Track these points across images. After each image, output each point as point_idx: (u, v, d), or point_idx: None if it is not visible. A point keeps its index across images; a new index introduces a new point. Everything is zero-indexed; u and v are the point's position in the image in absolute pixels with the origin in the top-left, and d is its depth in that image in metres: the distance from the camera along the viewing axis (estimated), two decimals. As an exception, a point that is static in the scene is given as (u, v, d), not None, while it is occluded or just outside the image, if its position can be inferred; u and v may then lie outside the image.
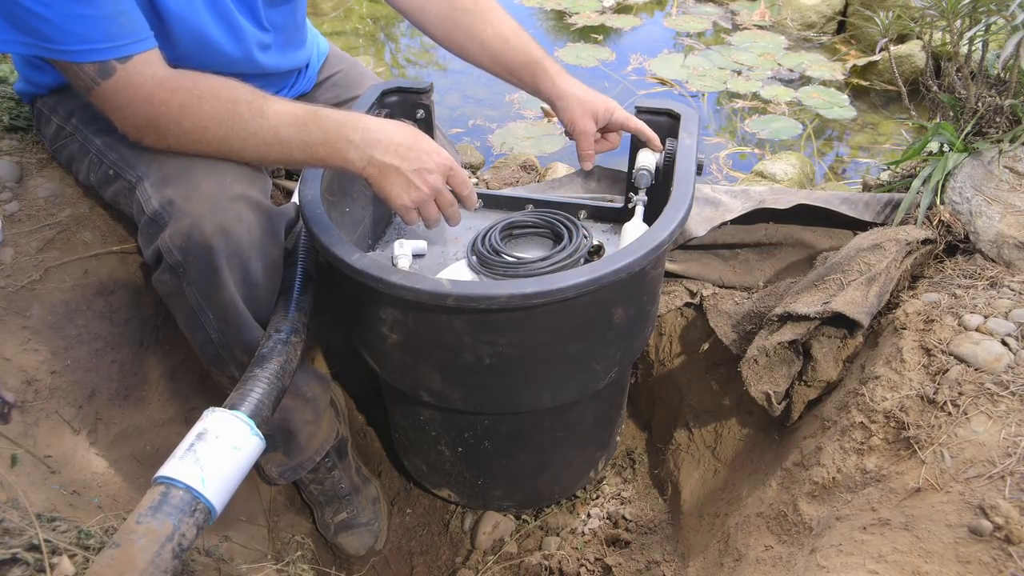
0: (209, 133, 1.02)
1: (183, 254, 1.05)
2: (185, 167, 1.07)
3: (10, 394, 1.10)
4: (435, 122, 1.37)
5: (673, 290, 1.59)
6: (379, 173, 1.03)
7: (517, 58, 1.27)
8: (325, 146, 1.02)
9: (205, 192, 1.04)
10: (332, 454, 1.51)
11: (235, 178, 1.08)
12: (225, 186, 1.06)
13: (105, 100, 1.00)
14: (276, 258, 1.13)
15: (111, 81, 0.97)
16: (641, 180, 1.24)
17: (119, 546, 0.75)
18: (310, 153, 1.03)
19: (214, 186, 1.05)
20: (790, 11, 3.87)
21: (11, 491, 0.96)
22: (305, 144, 1.02)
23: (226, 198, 1.05)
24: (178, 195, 1.04)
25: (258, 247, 1.09)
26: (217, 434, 0.86)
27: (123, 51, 0.96)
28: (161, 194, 1.05)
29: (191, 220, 1.03)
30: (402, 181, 1.03)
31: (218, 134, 1.02)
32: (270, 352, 1.02)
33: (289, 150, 1.03)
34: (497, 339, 1.04)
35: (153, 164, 1.10)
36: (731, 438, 1.45)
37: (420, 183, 1.03)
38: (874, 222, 1.43)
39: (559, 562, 1.44)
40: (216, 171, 1.07)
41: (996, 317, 1.06)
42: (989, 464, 0.87)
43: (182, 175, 1.06)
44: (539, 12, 4.19)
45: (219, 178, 1.06)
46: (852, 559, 0.89)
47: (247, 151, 1.04)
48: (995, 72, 1.40)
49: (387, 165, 1.02)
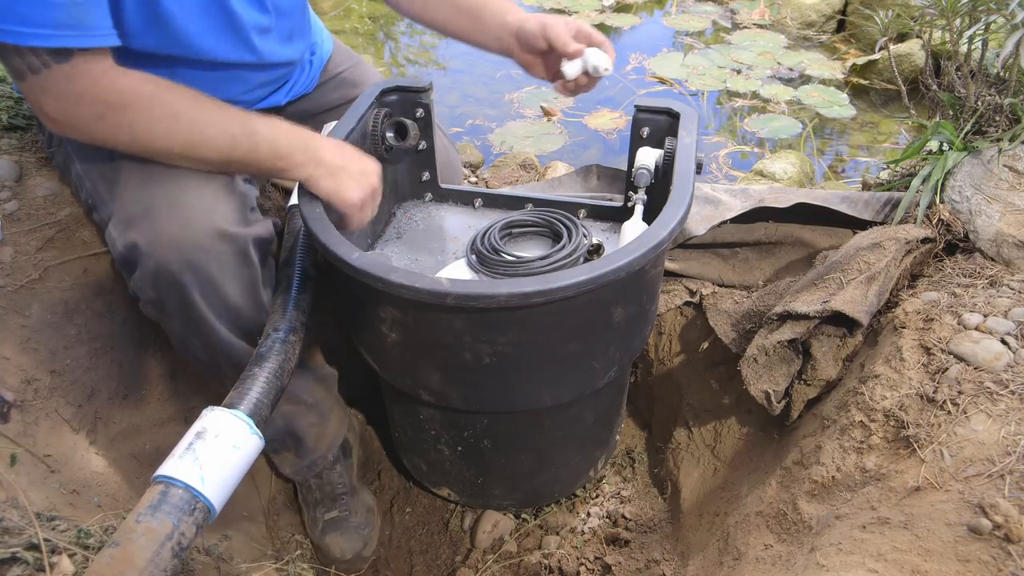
0: (179, 122, 0.99)
1: (156, 293, 1.07)
2: (145, 207, 1.05)
3: (9, 393, 1.10)
4: (434, 121, 1.37)
5: (673, 289, 1.59)
6: (329, 173, 1.07)
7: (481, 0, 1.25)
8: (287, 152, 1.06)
9: (167, 233, 1.04)
10: (337, 449, 1.51)
11: (198, 210, 1.06)
12: (188, 223, 1.05)
13: (51, 86, 0.93)
14: (252, 277, 1.13)
15: (65, 66, 0.91)
16: (640, 179, 1.24)
17: (118, 545, 0.75)
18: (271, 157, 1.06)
19: (176, 226, 1.04)
20: (790, 10, 3.86)
21: (11, 490, 0.96)
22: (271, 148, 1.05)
23: (190, 235, 1.04)
24: (141, 238, 1.04)
25: (230, 273, 1.09)
26: (216, 433, 0.86)
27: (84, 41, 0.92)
28: (125, 238, 1.05)
29: (156, 262, 1.04)
30: (351, 179, 1.09)
31: (185, 127, 1.00)
32: (268, 351, 1.02)
33: (255, 153, 1.04)
34: (496, 338, 1.04)
35: (116, 203, 1.08)
36: (731, 437, 1.45)
37: (370, 179, 1.11)
38: (874, 221, 1.43)
39: (559, 561, 1.44)
40: (177, 207, 1.05)
41: (995, 316, 1.06)
42: (988, 463, 0.87)
43: (143, 216, 1.05)
44: (539, 11, 4.18)
45: (181, 214, 1.05)
46: (852, 558, 0.89)
47: (211, 144, 1.02)
48: (995, 71, 1.40)
49: (333, 161, 1.08)
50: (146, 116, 0.97)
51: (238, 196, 1.14)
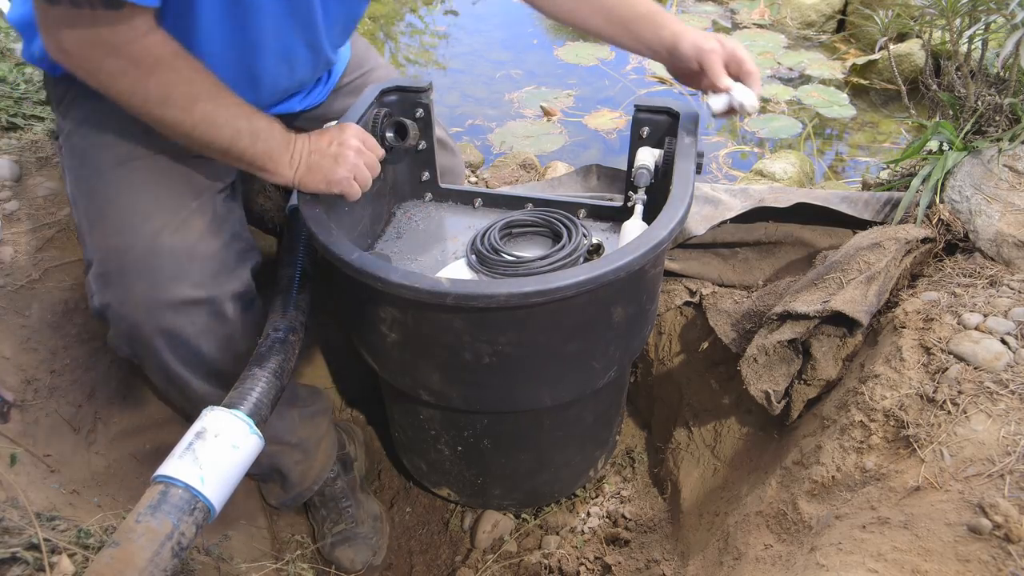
0: (196, 104, 0.98)
1: (131, 350, 1.09)
2: (119, 264, 1.05)
3: (9, 393, 1.10)
4: (434, 121, 1.37)
5: (672, 289, 1.59)
6: (308, 168, 1.08)
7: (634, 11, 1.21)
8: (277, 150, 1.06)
9: (139, 296, 1.04)
10: (337, 463, 1.51)
11: (170, 271, 1.05)
12: (158, 287, 1.04)
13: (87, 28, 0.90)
14: (228, 333, 1.13)
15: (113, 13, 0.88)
16: (640, 179, 1.24)
17: (118, 545, 0.75)
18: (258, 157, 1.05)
19: (147, 289, 1.04)
20: (789, 10, 3.86)
21: (11, 490, 0.96)
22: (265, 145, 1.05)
23: (160, 302, 1.05)
24: (114, 299, 1.04)
25: (204, 332, 1.10)
26: (216, 433, 0.86)
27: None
28: (100, 295, 1.06)
29: (128, 324, 1.05)
30: (328, 160, 1.08)
31: (199, 111, 0.99)
32: (268, 351, 1.02)
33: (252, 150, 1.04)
34: (496, 338, 1.04)
35: (93, 250, 1.07)
36: (730, 437, 1.45)
37: (344, 152, 1.09)
38: (873, 221, 1.43)
39: (559, 561, 1.44)
40: (149, 269, 1.04)
41: (995, 316, 1.06)
42: (988, 463, 0.87)
43: (117, 276, 1.05)
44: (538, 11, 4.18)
45: (152, 278, 1.04)
46: (852, 558, 0.89)
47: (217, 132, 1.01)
48: (994, 71, 1.40)
49: (311, 153, 1.08)
50: (167, 88, 0.96)
51: (221, 237, 1.13)
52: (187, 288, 1.06)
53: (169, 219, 1.07)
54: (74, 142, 1.13)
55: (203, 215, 1.11)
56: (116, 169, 1.08)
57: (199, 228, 1.10)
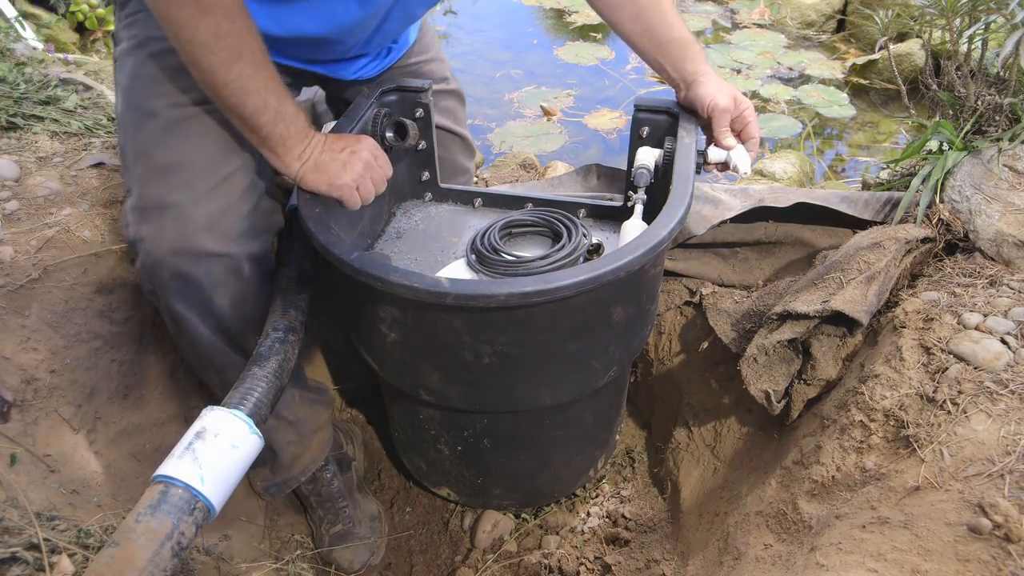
0: (235, 64, 0.98)
1: (151, 286, 1.13)
2: (157, 205, 1.08)
3: (9, 393, 1.10)
4: (433, 121, 1.37)
5: (672, 289, 1.59)
6: (315, 166, 1.08)
7: (669, 34, 1.23)
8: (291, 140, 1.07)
9: (167, 239, 1.07)
10: (332, 463, 1.51)
11: (202, 221, 1.08)
12: (188, 236, 1.07)
13: None
14: (243, 291, 1.15)
15: None
16: (640, 179, 1.24)
17: (118, 545, 0.75)
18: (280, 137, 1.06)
19: (176, 235, 1.07)
20: (789, 10, 3.86)
21: (10, 490, 0.96)
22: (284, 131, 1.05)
23: (185, 249, 1.08)
24: (146, 234, 1.08)
25: (218, 286, 1.12)
26: (216, 432, 0.86)
27: None
28: (135, 228, 1.09)
29: (153, 261, 1.09)
30: (337, 164, 1.09)
31: (236, 71, 0.98)
32: (268, 351, 1.02)
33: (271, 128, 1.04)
34: (496, 338, 1.04)
35: (135, 184, 1.10)
36: (730, 437, 1.45)
37: (354, 160, 1.10)
38: (873, 221, 1.43)
39: (558, 561, 1.44)
40: (184, 215, 1.07)
41: (995, 315, 1.06)
42: (988, 462, 0.87)
43: (154, 211, 1.08)
44: (538, 11, 4.19)
45: (184, 227, 1.07)
46: (851, 557, 0.89)
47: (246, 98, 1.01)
48: (994, 70, 1.40)
49: (323, 154, 1.09)
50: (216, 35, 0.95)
51: (254, 199, 1.15)
52: (213, 242, 1.09)
53: (213, 174, 1.10)
54: (131, 64, 1.15)
55: (245, 175, 1.14)
56: (169, 110, 1.11)
57: (239, 187, 1.12)
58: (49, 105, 1.58)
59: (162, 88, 1.11)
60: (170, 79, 1.11)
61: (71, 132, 1.53)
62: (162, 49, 1.11)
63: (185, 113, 1.10)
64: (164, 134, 1.10)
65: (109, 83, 1.95)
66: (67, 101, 1.62)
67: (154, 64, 1.12)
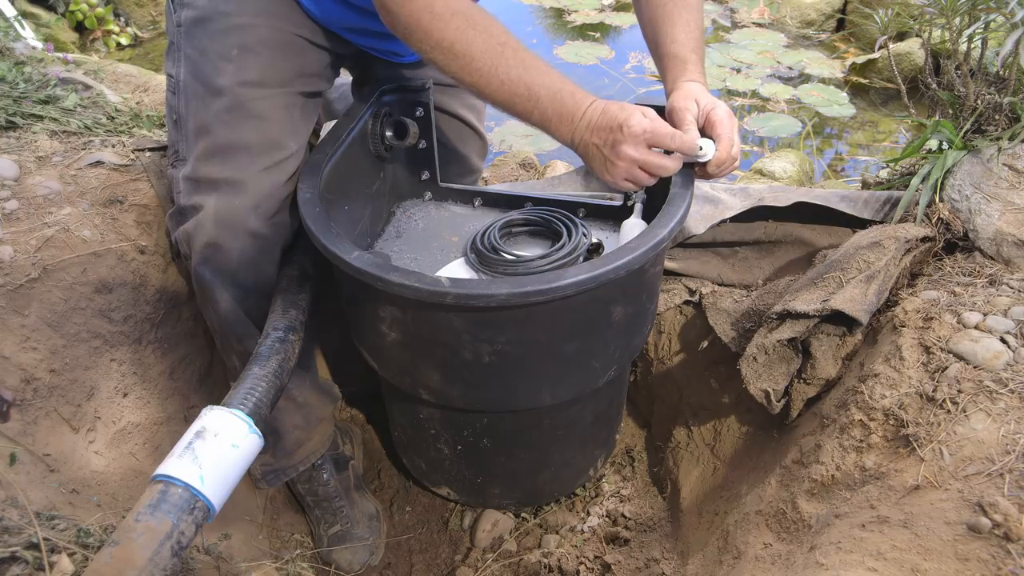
0: (474, 65, 1.01)
1: (187, 249, 1.19)
2: (210, 179, 1.14)
3: (9, 392, 1.10)
4: (433, 120, 1.37)
5: (672, 288, 1.59)
6: (584, 152, 1.07)
7: (668, 48, 1.22)
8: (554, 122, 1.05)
9: (215, 212, 1.14)
10: (329, 462, 1.51)
11: (252, 204, 1.14)
12: (235, 213, 1.13)
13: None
14: (267, 272, 1.20)
15: None
16: (640, 178, 1.24)
17: (118, 544, 0.75)
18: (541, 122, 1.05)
19: (225, 210, 1.13)
20: (789, 9, 3.86)
21: (10, 489, 0.96)
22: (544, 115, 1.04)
23: (228, 224, 1.14)
24: (198, 203, 1.15)
25: (250, 264, 1.17)
26: (216, 432, 0.86)
27: None
28: (187, 196, 1.16)
29: (194, 226, 1.15)
30: (599, 159, 1.06)
31: (480, 69, 1.01)
32: (268, 351, 1.02)
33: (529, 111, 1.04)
34: (496, 337, 1.04)
35: (191, 152, 1.15)
36: (730, 436, 1.45)
37: (616, 159, 1.04)
38: (873, 220, 1.43)
39: (558, 560, 1.44)
40: (236, 196, 1.13)
41: (995, 315, 1.06)
42: (988, 462, 0.87)
43: (207, 188, 1.15)
44: (538, 10, 4.18)
45: (234, 204, 1.13)
46: (851, 556, 0.89)
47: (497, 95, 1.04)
48: (994, 70, 1.40)
49: (588, 143, 1.05)
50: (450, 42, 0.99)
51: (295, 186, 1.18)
52: (257, 221, 1.15)
53: (268, 157, 1.15)
54: (199, 36, 1.17)
55: (298, 161, 1.19)
56: (236, 88, 1.14)
57: (290, 172, 1.18)
58: (48, 104, 1.58)
59: (229, 67, 1.14)
60: (237, 58, 1.14)
61: (70, 131, 1.53)
62: (231, 25, 1.15)
63: (250, 95, 1.15)
64: (227, 114, 1.14)
65: (108, 82, 1.95)
66: (66, 100, 1.62)
67: (224, 41, 1.15)
